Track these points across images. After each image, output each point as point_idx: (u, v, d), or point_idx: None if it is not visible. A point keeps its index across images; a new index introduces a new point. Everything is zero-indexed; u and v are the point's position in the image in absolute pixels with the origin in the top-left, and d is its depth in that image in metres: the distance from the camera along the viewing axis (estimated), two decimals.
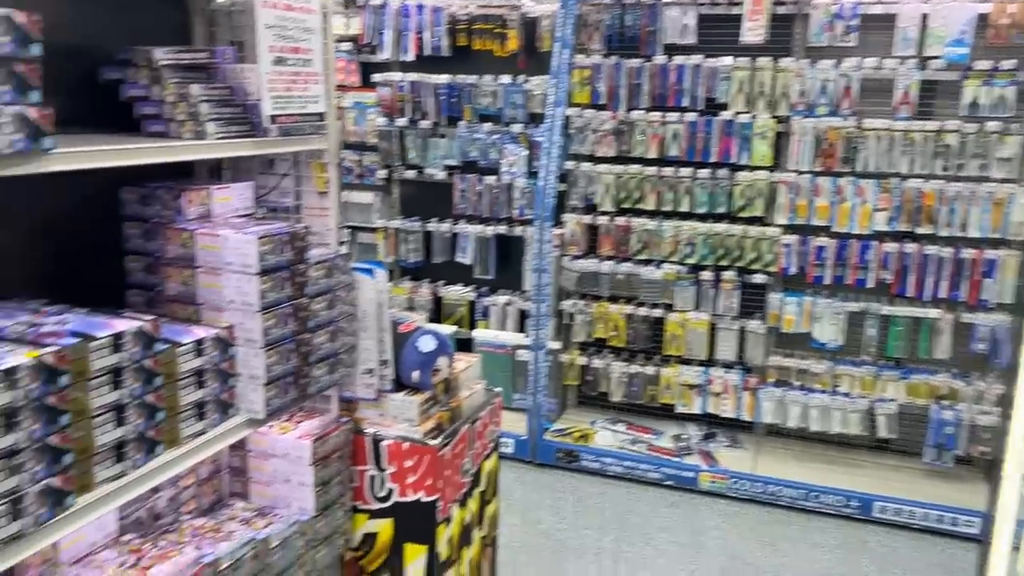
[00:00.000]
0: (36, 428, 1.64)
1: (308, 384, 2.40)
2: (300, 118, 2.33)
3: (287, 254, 2.26)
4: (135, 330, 1.87)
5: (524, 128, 5.11)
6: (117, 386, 1.83)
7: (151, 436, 1.94)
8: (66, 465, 1.71)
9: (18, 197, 2.07)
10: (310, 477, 2.50)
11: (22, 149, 1.53)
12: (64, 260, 2.25)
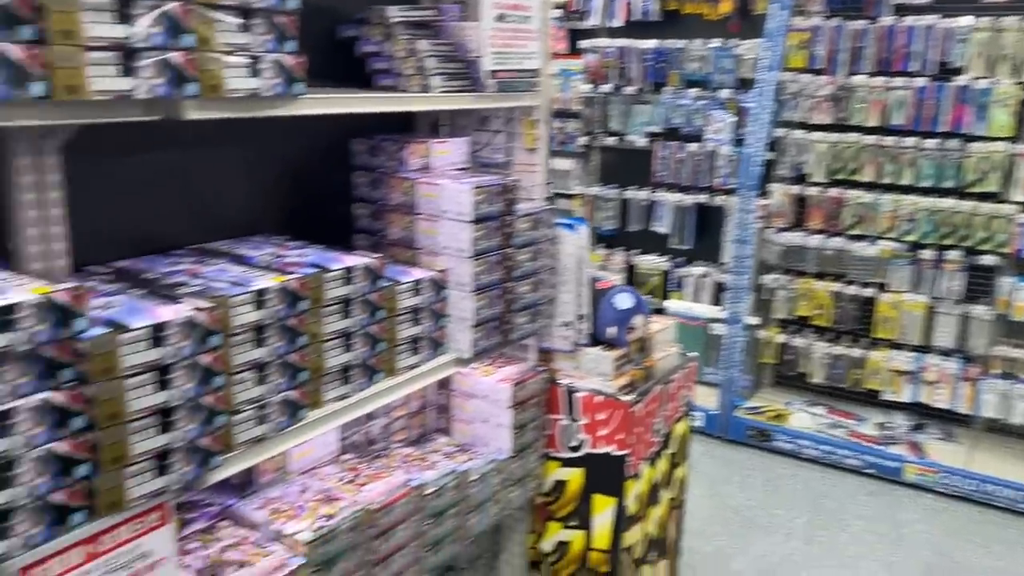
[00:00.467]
0: (280, 345, 1.84)
1: (511, 330, 2.51)
2: (516, 74, 2.42)
3: (498, 205, 2.37)
4: (364, 266, 2.04)
5: (732, 94, 4.96)
6: (346, 315, 2.01)
7: (372, 364, 2.12)
8: (302, 381, 1.91)
9: (270, 145, 2.32)
10: (508, 419, 2.61)
11: (279, 93, 1.71)
12: (303, 204, 2.48)
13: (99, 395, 1.46)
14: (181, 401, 1.59)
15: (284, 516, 2.04)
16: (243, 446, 1.79)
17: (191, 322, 1.59)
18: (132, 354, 1.49)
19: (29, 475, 1.38)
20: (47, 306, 1.37)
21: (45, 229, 1.78)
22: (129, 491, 1.53)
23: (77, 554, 1.47)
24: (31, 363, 1.38)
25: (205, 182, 2.20)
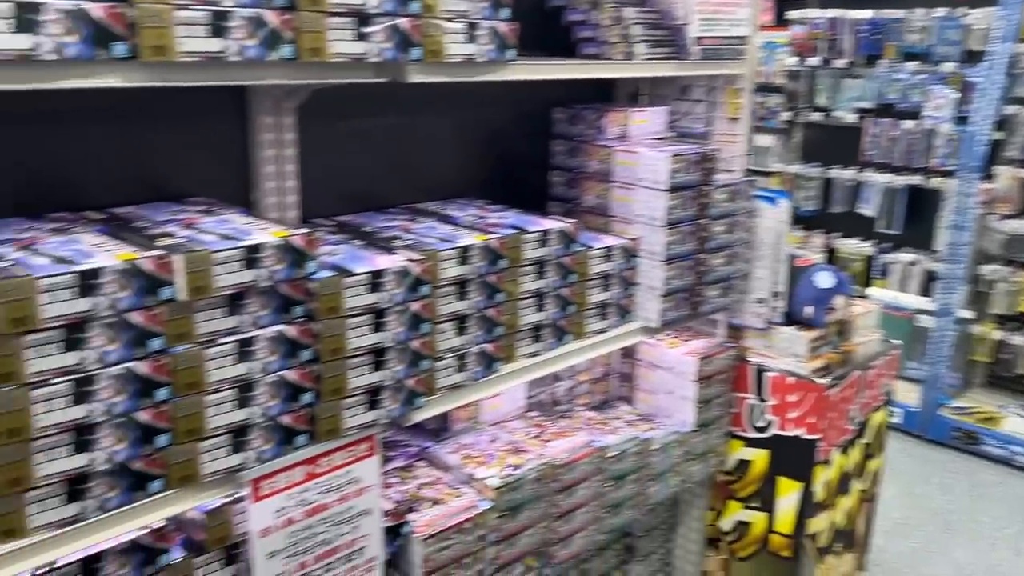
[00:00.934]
0: (480, 300, 1.94)
1: (700, 303, 2.49)
2: (723, 41, 2.37)
3: (695, 174, 2.34)
4: (559, 230, 2.10)
5: (957, 67, 4.56)
6: (540, 276, 2.09)
7: (562, 325, 2.18)
8: (497, 336, 2.01)
9: (476, 113, 2.43)
10: (692, 393, 2.60)
11: (492, 58, 1.79)
12: (502, 170, 2.58)
13: (324, 331, 1.61)
14: (392, 343, 1.73)
15: (475, 462, 2.16)
16: (443, 391, 1.91)
17: (405, 271, 1.72)
18: (354, 296, 1.64)
19: (264, 397, 1.56)
20: (285, 248, 1.53)
21: (281, 183, 1.98)
22: (345, 421, 1.68)
23: (299, 472, 1.65)
24: (269, 298, 1.55)
25: (417, 147, 2.34)
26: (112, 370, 1.36)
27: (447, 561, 1.97)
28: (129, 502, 1.43)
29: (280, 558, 1.65)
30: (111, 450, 1.38)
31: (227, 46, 1.37)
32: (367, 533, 1.79)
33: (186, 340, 1.45)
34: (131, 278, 1.36)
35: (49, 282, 1.27)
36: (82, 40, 1.22)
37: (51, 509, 1.34)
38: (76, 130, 1.71)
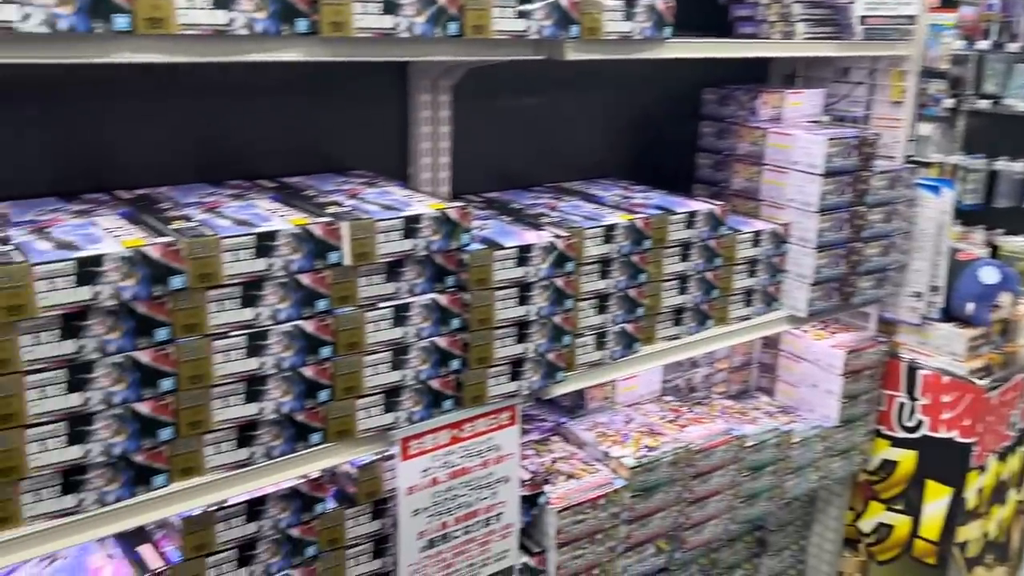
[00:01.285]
0: (622, 280, 1.95)
1: (852, 294, 2.39)
2: (889, 20, 2.26)
3: (852, 159, 2.25)
4: (707, 212, 2.07)
5: None
6: (685, 258, 2.06)
7: (704, 309, 2.15)
8: (638, 316, 2.01)
9: (622, 93, 2.42)
10: (838, 387, 2.51)
11: (648, 36, 1.79)
12: (647, 151, 2.56)
13: (474, 302, 1.66)
14: (536, 317, 1.76)
15: (610, 440, 2.18)
16: (582, 368, 1.93)
17: (552, 247, 1.74)
18: (502, 269, 1.68)
19: (416, 361, 1.63)
20: (442, 220, 1.59)
21: (435, 158, 2.05)
22: (489, 389, 1.74)
23: (445, 435, 1.71)
24: (425, 267, 1.61)
25: (563, 126, 2.36)
26: (283, 327, 1.46)
27: (580, 535, 1.99)
28: (291, 451, 1.53)
29: (424, 516, 1.72)
30: (278, 401, 1.49)
31: (398, 22, 1.43)
32: (505, 500, 1.84)
33: (349, 303, 1.53)
34: (303, 242, 1.45)
35: (231, 243, 1.38)
36: (269, 16, 1.31)
37: (225, 452, 1.46)
38: (252, 103, 1.83)
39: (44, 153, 1.62)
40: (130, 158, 1.71)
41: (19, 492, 1.28)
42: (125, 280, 1.28)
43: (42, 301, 1.22)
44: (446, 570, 1.79)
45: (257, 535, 1.59)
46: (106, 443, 1.33)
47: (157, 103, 1.71)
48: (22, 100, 1.56)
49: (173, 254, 1.32)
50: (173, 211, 1.51)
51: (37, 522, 1.30)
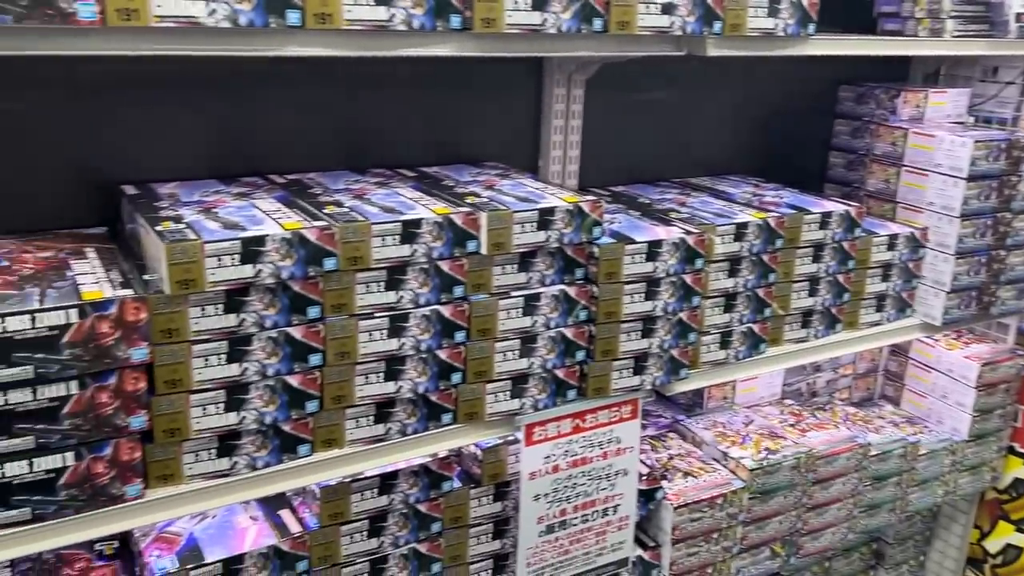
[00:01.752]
0: (751, 279, 1.92)
1: (991, 304, 2.28)
2: None
3: (999, 163, 2.14)
4: (842, 212, 2.02)
5: None
6: (817, 260, 2.02)
7: (834, 313, 2.10)
8: (765, 317, 1.98)
9: (752, 90, 2.38)
10: (970, 400, 2.40)
11: (791, 33, 1.75)
12: (775, 148, 2.51)
13: (602, 295, 1.68)
14: (662, 312, 1.77)
15: (729, 441, 2.16)
16: (706, 366, 1.92)
17: (682, 243, 1.74)
18: (631, 264, 1.69)
19: (543, 350, 1.66)
20: (575, 212, 1.62)
21: (565, 152, 2.08)
22: (612, 382, 1.75)
23: (567, 424, 1.74)
24: (555, 259, 1.64)
25: (691, 121, 2.34)
26: (422, 311, 1.52)
27: (695, 533, 1.99)
28: (424, 430, 1.59)
29: (544, 502, 1.76)
30: (415, 381, 1.55)
31: (546, 19, 1.46)
32: (622, 492, 1.86)
33: (483, 290, 1.58)
34: (444, 230, 1.50)
35: (380, 229, 1.44)
36: (426, 12, 1.36)
37: (364, 427, 1.53)
38: (395, 95, 1.90)
39: (206, 139, 1.73)
40: (282, 145, 1.81)
41: (182, 452, 1.38)
42: (284, 260, 1.36)
43: (210, 277, 1.31)
44: (563, 556, 1.83)
45: (388, 508, 1.66)
46: (259, 411, 1.42)
47: (308, 93, 1.80)
48: (187, 89, 1.67)
49: (328, 237, 1.39)
50: (324, 196, 1.60)
51: (195, 481, 1.40)
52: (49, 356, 1.21)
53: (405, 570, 1.72)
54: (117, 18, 1.13)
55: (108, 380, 1.27)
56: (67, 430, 1.26)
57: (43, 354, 1.21)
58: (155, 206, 1.48)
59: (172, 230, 1.33)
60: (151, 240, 1.34)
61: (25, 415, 1.23)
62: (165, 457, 1.37)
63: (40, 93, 1.55)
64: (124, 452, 1.31)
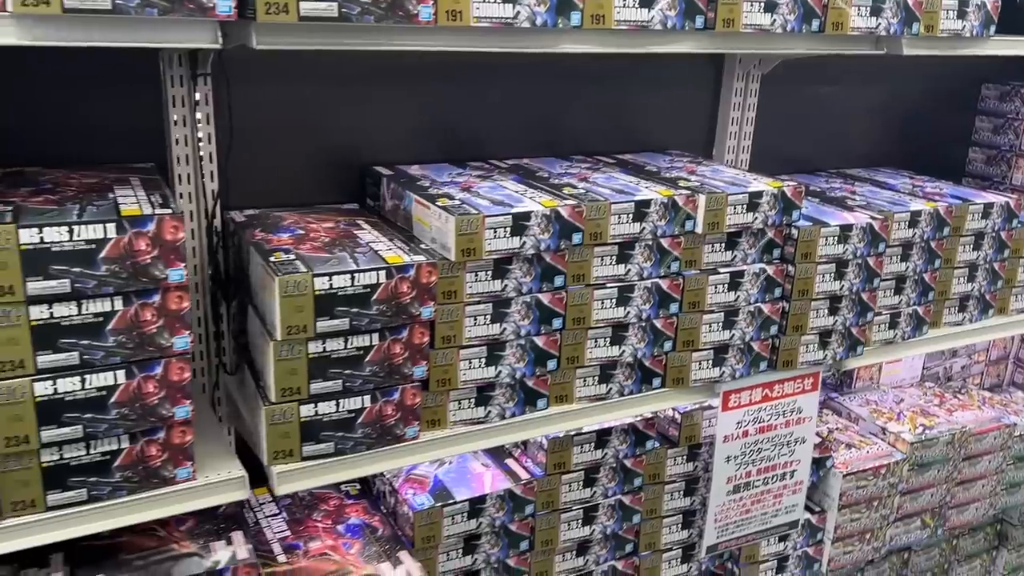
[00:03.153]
0: (919, 263, 2.05)
1: None
2: None
3: None
4: (1003, 204, 2.14)
5: None
6: (977, 247, 2.14)
7: (988, 299, 2.22)
8: (929, 300, 2.11)
9: (899, 86, 2.50)
10: None
11: (976, 34, 1.88)
12: (916, 142, 2.62)
13: (797, 274, 1.83)
14: (847, 292, 1.91)
15: (884, 417, 2.29)
16: (876, 344, 2.06)
17: (869, 228, 1.88)
18: (825, 245, 1.84)
19: (743, 323, 1.82)
20: (779, 196, 1.77)
21: (739, 142, 2.23)
22: (800, 355, 1.90)
23: (758, 393, 1.90)
24: (757, 239, 1.80)
25: (845, 116, 2.47)
26: (644, 283, 1.68)
27: (860, 500, 2.13)
28: (637, 392, 1.76)
29: (733, 464, 1.92)
30: (634, 347, 1.72)
31: (775, 19, 1.62)
32: (799, 459, 2.01)
33: (695, 266, 1.74)
34: (668, 210, 1.66)
35: (618, 207, 1.61)
36: (678, 14, 1.52)
37: (590, 385, 1.71)
38: (587, 89, 2.06)
39: (436, 126, 1.92)
40: (495, 132, 1.99)
41: (448, 401, 1.57)
42: (543, 233, 1.54)
43: (487, 247, 1.49)
44: (744, 515, 1.98)
45: (601, 461, 1.84)
46: (511, 367, 1.60)
47: (515, 86, 1.97)
48: (421, 81, 1.85)
49: (578, 215, 1.56)
50: (554, 179, 1.77)
51: (457, 427, 1.59)
52: (363, 311, 1.40)
53: (612, 519, 1.89)
54: (446, 19, 1.31)
55: (401, 334, 1.46)
56: (367, 376, 1.45)
57: (356, 308, 1.40)
58: (420, 185, 1.67)
59: (452, 206, 1.52)
60: (433, 213, 1.53)
61: (337, 361, 1.42)
62: (435, 404, 1.56)
63: (311, 86, 1.74)
64: (408, 397, 1.50)
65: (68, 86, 1.55)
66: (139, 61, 1.54)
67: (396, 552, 1.62)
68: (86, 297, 1.21)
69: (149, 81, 1.57)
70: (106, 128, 1.59)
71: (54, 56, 1.33)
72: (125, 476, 1.32)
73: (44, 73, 1.52)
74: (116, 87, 1.58)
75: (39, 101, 1.54)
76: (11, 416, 1.21)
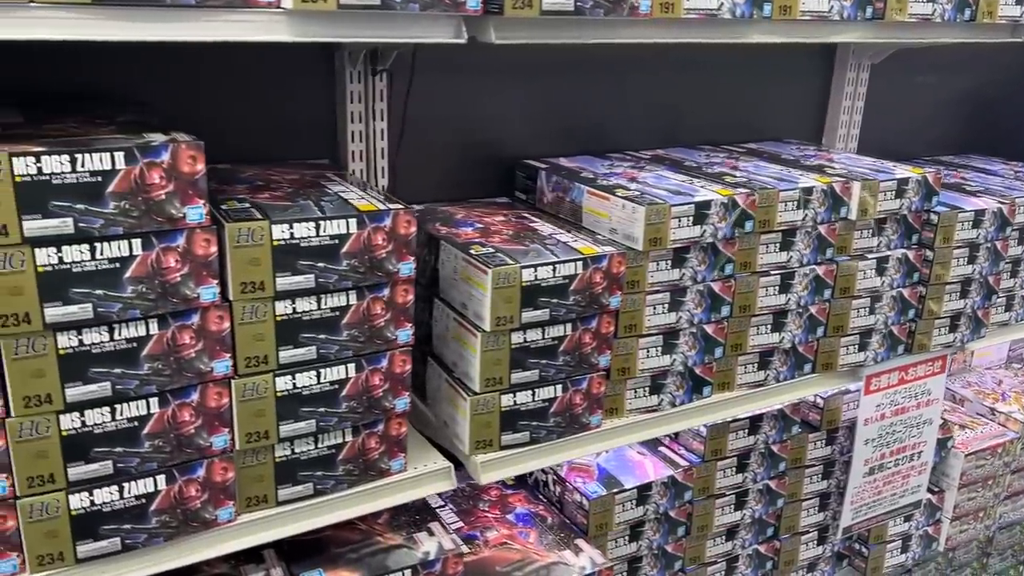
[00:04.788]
0: (984, 266, 2.08)
1: None
2: None
3: None
4: None
5: None
6: None
7: None
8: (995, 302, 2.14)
9: (974, 72, 2.56)
10: None
11: None
12: (1003, 128, 2.68)
13: (936, 258, 1.87)
14: (977, 276, 1.95)
15: (990, 398, 2.34)
16: (994, 327, 2.10)
17: (999, 212, 1.93)
18: (961, 230, 1.88)
19: (886, 308, 1.86)
20: (923, 183, 1.80)
21: (848, 130, 2.27)
22: (932, 339, 1.95)
23: (895, 376, 1.94)
24: (900, 225, 1.83)
25: (934, 103, 2.52)
26: (803, 270, 1.71)
27: (977, 479, 2.18)
28: (790, 378, 1.79)
29: (871, 446, 1.96)
30: (792, 333, 1.75)
31: (935, 9, 1.65)
32: (926, 440, 2.06)
33: (846, 252, 1.77)
34: (827, 197, 1.69)
35: (785, 195, 1.63)
36: (746, 2, 1.51)
37: (750, 373, 1.73)
38: (704, 80, 2.08)
39: (575, 120, 1.93)
40: (622, 122, 2.01)
41: (625, 389, 1.59)
42: (721, 222, 1.56)
43: (672, 236, 1.51)
44: (876, 496, 2.03)
45: (752, 447, 1.87)
46: (684, 355, 1.62)
47: (638, 79, 1.98)
48: (557, 75, 1.87)
49: (752, 203, 1.59)
50: (706, 168, 1.79)
51: (632, 415, 1.61)
52: (561, 302, 1.42)
53: (760, 503, 1.92)
54: (660, 11, 1.32)
55: (591, 323, 1.48)
56: (560, 365, 1.46)
57: (556, 299, 1.41)
58: (586, 177, 1.68)
59: (635, 196, 1.54)
60: (614, 204, 1.54)
61: (535, 351, 1.44)
62: (614, 393, 1.58)
63: (464, 81, 1.75)
64: (595, 386, 1.52)
65: (244, 83, 1.54)
66: (314, 58, 1.54)
67: (572, 540, 1.64)
68: (327, 292, 1.22)
69: (323, 77, 1.57)
70: (282, 125, 1.58)
71: (227, 53, 1.33)
72: (347, 469, 1.33)
73: (219, 71, 1.52)
74: (291, 84, 1.57)
75: (219, 99, 1.53)
76: (254, 412, 1.21)
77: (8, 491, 1.08)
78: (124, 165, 1.03)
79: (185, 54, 1.32)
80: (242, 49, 1.12)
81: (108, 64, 1.40)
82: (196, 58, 1.44)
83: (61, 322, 1.05)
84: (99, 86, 1.42)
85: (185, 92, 1.48)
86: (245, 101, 1.55)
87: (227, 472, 1.22)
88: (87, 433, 1.11)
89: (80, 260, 1.04)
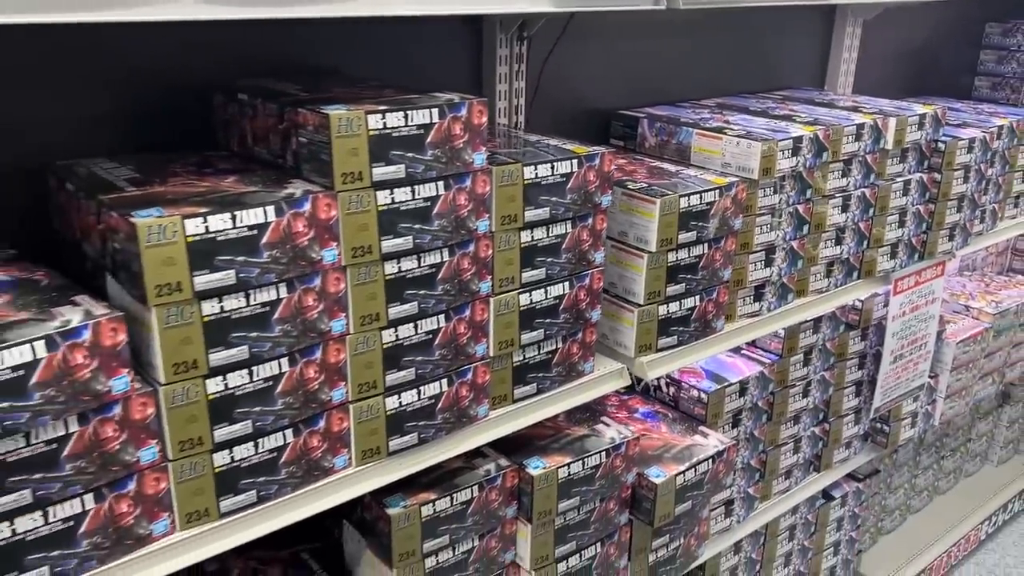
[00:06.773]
0: (1000, 168, 2.56)
1: None
2: None
3: None
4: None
5: None
6: None
7: None
8: (999, 199, 2.62)
9: (906, 25, 3.01)
10: None
11: None
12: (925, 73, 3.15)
13: (943, 180, 2.28)
14: (971, 193, 2.38)
15: (962, 298, 2.82)
16: (975, 235, 2.55)
17: (984, 140, 2.35)
18: (959, 156, 2.29)
19: (909, 223, 2.25)
20: (934, 117, 2.19)
21: (845, 78, 2.65)
22: (937, 246, 2.36)
23: (912, 279, 2.34)
24: (915, 154, 2.22)
25: (909, 49, 2.95)
26: (856, 192, 2.07)
27: (964, 362, 2.65)
28: (844, 283, 2.15)
29: (896, 339, 2.36)
30: (849, 246, 2.11)
31: None
32: (930, 332, 2.49)
33: (883, 177, 2.15)
34: (871, 131, 2.05)
35: (847, 130, 1.98)
36: None
37: (819, 280, 2.08)
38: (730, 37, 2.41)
39: (651, 72, 2.21)
40: (675, 77, 2.30)
41: (737, 297, 1.90)
42: (807, 153, 1.88)
43: (778, 167, 1.82)
44: (896, 381, 2.44)
45: (814, 344, 2.23)
46: (778, 268, 1.95)
47: (693, 39, 2.29)
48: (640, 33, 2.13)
49: (827, 136, 1.92)
50: (771, 111, 2.11)
51: (741, 320, 1.93)
52: (704, 225, 1.71)
53: (819, 391, 2.29)
54: None
55: (720, 244, 1.77)
56: (700, 279, 1.76)
57: (699, 223, 1.70)
58: (690, 122, 1.97)
59: (743, 134, 1.83)
60: (728, 143, 1.84)
61: (684, 268, 1.72)
62: (730, 301, 1.89)
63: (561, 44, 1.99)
64: (722, 295, 1.82)
65: (387, 52, 1.72)
66: (462, 26, 1.74)
67: (696, 428, 1.95)
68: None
69: (469, 42, 1.78)
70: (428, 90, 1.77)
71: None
72: (559, 371, 1.58)
73: (378, 41, 1.70)
74: (439, 52, 1.77)
75: (383, 69, 1.71)
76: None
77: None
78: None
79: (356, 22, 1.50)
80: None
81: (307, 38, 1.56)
82: (365, 29, 1.62)
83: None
84: (297, 58, 1.59)
85: (350, 60, 1.66)
86: (401, 67, 1.74)
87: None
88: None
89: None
